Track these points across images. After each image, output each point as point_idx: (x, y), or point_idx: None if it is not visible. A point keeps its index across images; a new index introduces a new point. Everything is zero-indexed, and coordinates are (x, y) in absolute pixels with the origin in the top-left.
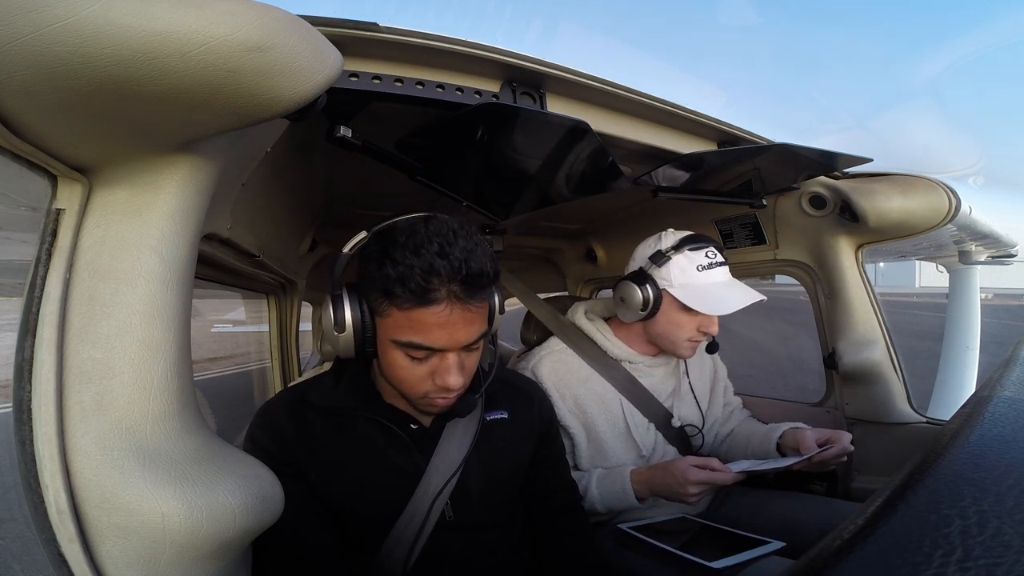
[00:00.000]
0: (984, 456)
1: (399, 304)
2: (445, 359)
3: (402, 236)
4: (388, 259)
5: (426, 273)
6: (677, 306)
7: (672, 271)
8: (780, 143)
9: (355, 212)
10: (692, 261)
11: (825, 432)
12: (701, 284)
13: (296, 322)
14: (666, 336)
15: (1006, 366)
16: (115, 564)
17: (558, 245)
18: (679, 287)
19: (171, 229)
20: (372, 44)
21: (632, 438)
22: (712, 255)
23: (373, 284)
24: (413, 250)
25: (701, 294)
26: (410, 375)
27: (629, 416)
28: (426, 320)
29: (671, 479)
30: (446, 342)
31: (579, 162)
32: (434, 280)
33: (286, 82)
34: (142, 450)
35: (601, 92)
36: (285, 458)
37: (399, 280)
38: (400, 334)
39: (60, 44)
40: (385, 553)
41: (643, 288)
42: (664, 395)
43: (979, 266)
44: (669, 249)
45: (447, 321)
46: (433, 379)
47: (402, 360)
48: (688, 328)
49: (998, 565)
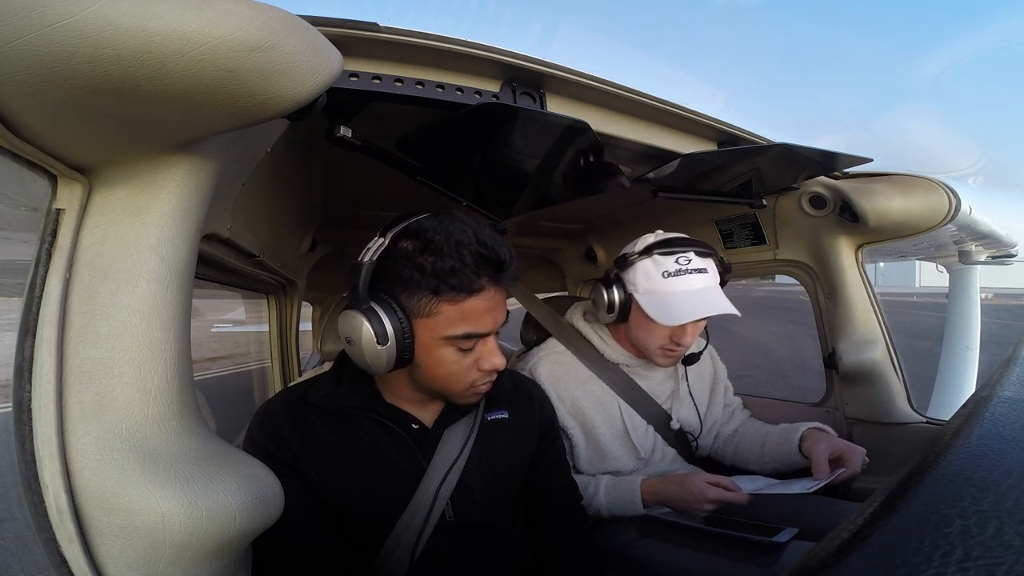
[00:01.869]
0: (984, 456)
1: (451, 298)
2: (487, 344)
3: (437, 234)
4: (433, 256)
5: (476, 263)
6: (643, 312)
7: (637, 276)
8: (780, 143)
9: (355, 212)
10: (659, 266)
11: (839, 446)
12: (665, 291)
13: (296, 322)
14: (640, 342)
15: (1006, 366)
16: (115, 564)
17: (558, 245)
18: (643, 293)
19: (171, 229)
20: (372, 44)
21: (631, 440)
22: (684, 261)
23: (415, 286)
24: (455, 245)
25: (660, 301)
26: (459, 368)
27: (627, 418)
28: (476, 308)
29: (687, 495)
30: (492, 325)
31: (579, 162)
32: (482, 268)
33: (286, 82)
34: (142, 450)
35: (601, 92)
36: (285, 458)
37: (451, 273)
38: (454, 328)
39: (60, 44)
40: (385, 553)
41: (609, 291)
42: (662, 397)
43: (979, 266)
44: (637, 253)
45: (493, 305)
46: (478, 366)
47: (452, 355)
48: (658, 336)
49: (998, 565)
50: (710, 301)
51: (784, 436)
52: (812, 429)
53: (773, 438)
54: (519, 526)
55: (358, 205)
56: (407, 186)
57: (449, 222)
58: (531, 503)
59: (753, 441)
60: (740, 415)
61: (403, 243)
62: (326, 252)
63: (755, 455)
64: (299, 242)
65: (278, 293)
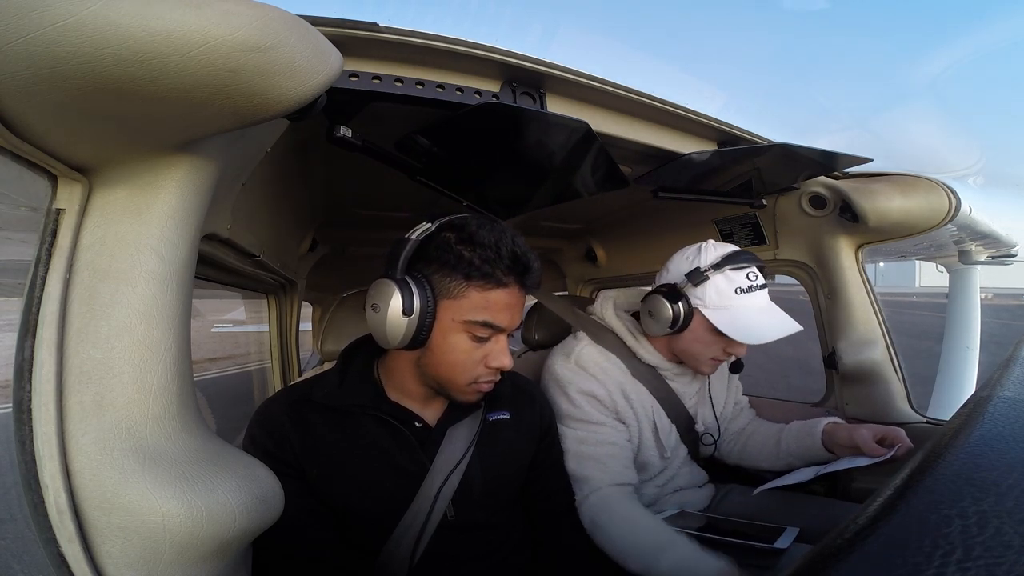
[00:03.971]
0: (984, 456)
1: (480, 285)
2: (499, 342)
3: (480, 230)
4: (474, 244)
5: (510, 258)
6: (707, 326)
7: (709, 292)
8: (780, 143)
9: (355, 212)
10: (732, 283)
11: (879, 429)
12: (738, 308)
13: (296, 322)
14: (690, 353)
15: (1006, 366)
16: (115, 564)
17: (558, 245)
18: (713, 308)
19: (171, 229)
20: (372, 44)
21: (659, 438)
22: (753, 277)
23: (450, 268)
24: (496, 239)
25: (735, 319)
26: (468, 358)
27: (657, 418)
28: (499, 301)
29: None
30: (509, 322)
31: (579, 162)
32: (516, 264)
33: (286, 82)
34: (142, 450)
35: (601, 92)
36: (285, 457)
37: (487, 261)
38: (475, 314)
39: (60, 44)
40: (387, 553)
41: (675, 305)
42: (689, 399)
43: (979, 266)
44: (708, 267)
45: (514, 303)
46: (486, 362)
47: (464, 343)
48: (714, 348)
49: (998, 565)
50: (779, 319)
51: (804, 431)
52: (832, 423)
53: (791, 434)
54: (519, 526)
55: (358, 205)
56: (407, 186)
57: (491, 224)
58: (531, 503)
59: (765, 438)
60: (747, 414)
61: (447, 232)
62: (326, 252)
63: (769, 452)
64: (299, 242)
65: (278, 293)
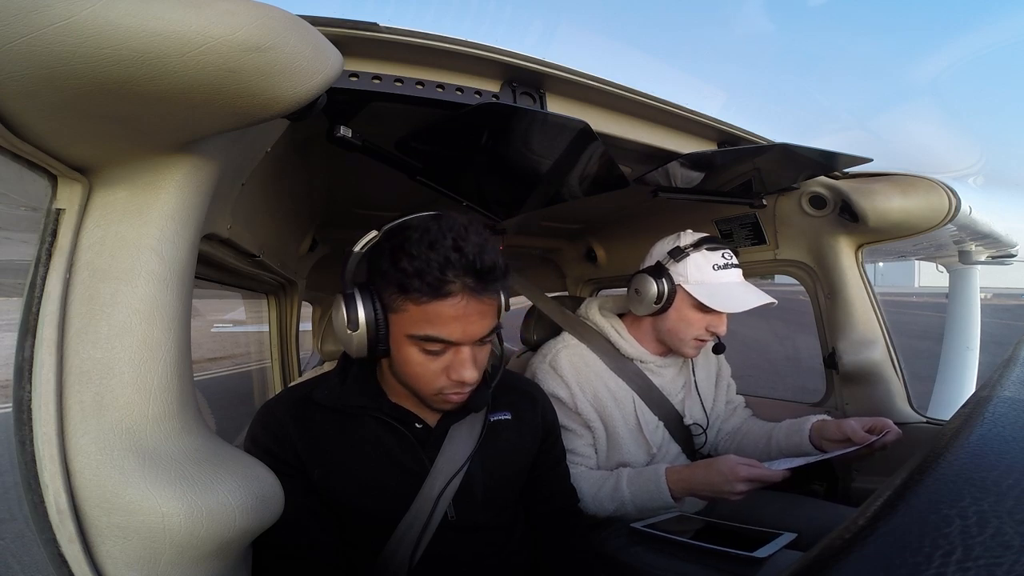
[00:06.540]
0: (984, 456)
1: (415, 298)
2: (459, 353)
3: (416, 233)
4: (404, 254)
5: (442, 266)
6: (690, 303)
7: (689, 267)
8: (780, 143)
9: (355, 212)
10: (709, 260)
11: (867, 420)
12: (716, 282)
13: (296, 322)
14: (674, 333)
15: (1006, 366)
16: (115, 564)
17: (558, 245)
18: (694, 284)
19: (171, 229)
20: (372, 44)
21: (643, 435)
22: (728, 256)
23: (387, 281)
24: (428, 245)
25: (715, 292)
26: (425, 371)
27: (640, 414)
28: (442, 313)
29: (717, 477)
30: (461, 335)
31: (579, 162)
32: (449, 273)
33: (286, 82)
34: (142, 450)
35: (601, 92)
36: (287, 457)
37: (416, 274)
38: (416, 328)
39: (60, 44)
40: (388, 553)
41: (659, 281)
42: (674, 394)
43: (979, 266)
44: (688, 246)
45: (462, 314)
46: (448, 374)
47: (417, 356)
48: (697, 326)
49: (998, 565)
50: (754, 291)
51: (793, 428)
52: (821, 420)
53: (781, 432)
54: (520, 527)
55: (358, 205)
56: (407, 186)
57: (436, 223)
58: (531, 504)
59: (757, 437)
60: (743, 413)
61: (385, 241)
62: (326, 252)
63: (760, 450)
64: (299, 242)
65: (278, 293)
